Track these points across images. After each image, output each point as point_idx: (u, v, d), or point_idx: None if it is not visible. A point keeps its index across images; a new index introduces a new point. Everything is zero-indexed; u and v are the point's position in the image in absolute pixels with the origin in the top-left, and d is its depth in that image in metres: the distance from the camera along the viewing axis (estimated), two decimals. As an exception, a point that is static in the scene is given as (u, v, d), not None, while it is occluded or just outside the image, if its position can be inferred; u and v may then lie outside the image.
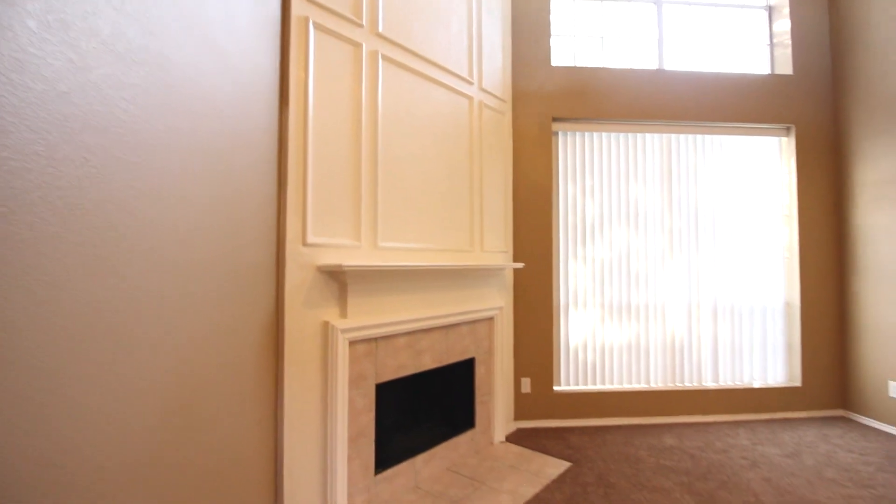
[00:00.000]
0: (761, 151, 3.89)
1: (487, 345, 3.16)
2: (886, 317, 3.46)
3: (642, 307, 3.69)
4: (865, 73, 3.64)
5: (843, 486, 2.57)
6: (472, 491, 2.54)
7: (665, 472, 2.75)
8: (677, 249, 3.75)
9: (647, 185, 3.75)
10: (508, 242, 3.47)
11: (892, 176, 3.43)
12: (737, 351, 3.78)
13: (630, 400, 3.60)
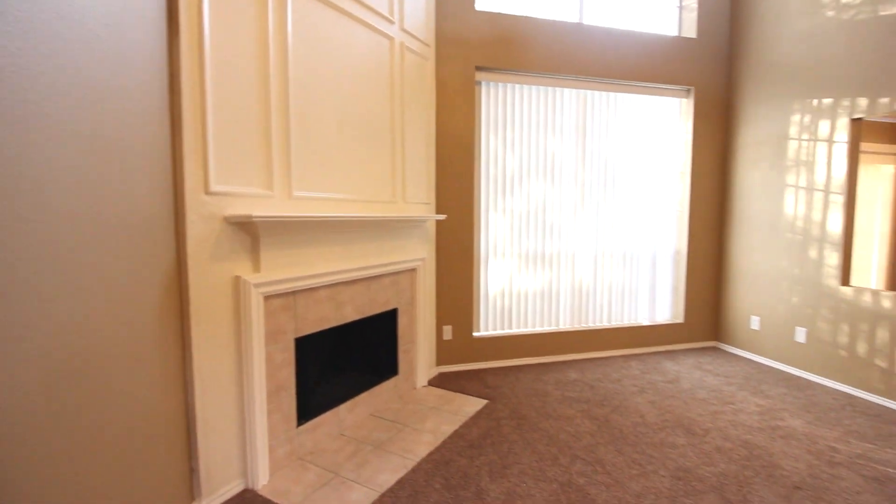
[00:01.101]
0: (665, 111, 4.18)
1: (410, 295, 3.21)
2: (754, 262, 4.03)
3: (555, 256, 3.94)
4: (757, 43, 3.99)
5: (711, 404, 3.06)
6: (396, 433, 2.65)
7: (569, 402, 3.07)
8: (588, 201, 4.00)
9: (563, 139, 3.89)
10: (431, 194, 3.46)
11: (768, 138, 3.88)
12: (633, 294, 4.22)
13: (541, 341, 3.91)
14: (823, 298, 3.45)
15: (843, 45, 3.31)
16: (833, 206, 3.40)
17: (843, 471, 2.26)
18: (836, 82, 3.36)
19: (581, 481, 2.17)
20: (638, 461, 2.34)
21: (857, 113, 3.25)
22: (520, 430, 2.68)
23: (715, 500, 2.03)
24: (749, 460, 2.36)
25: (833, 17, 3.37)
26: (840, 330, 3.35)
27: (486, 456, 2.39)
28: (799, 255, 3.63)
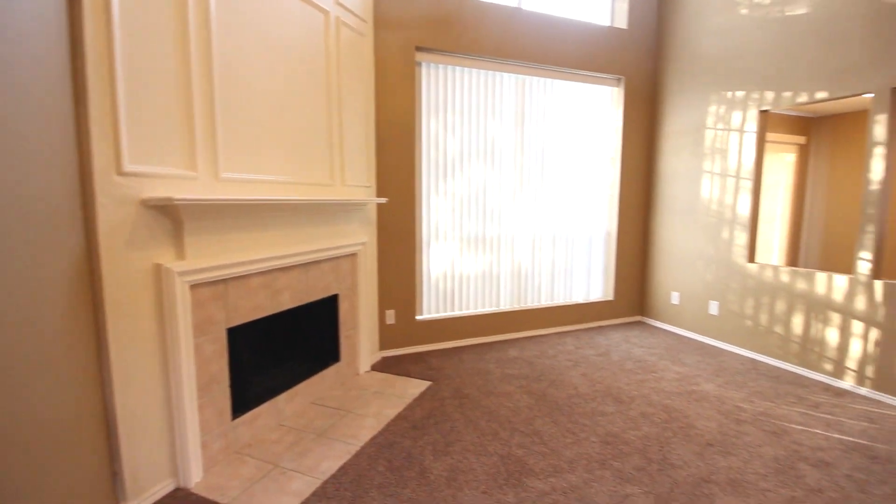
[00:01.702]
0: (598, 99, 4.36)
1: (351, 280, 3.15)
2: (675, 243, 4.36)
3: (495, 239, 4.03)
4: (681, 36, 4.24)
5: (636, 374, 3.30)
6: (338, 419, 2.63)
7: (509, 379, 3.19)
8: (526, 185, 4.11)
9: (503, 123, 3.94)
10: (371, 177, 3.39)
11: (689, 128, 4.17)
12: (568, 274, 4.43)
13: (483, 322, 4.01)
14: (733, 274, 3.82)
15: (753, 42, 3.60)
16: (743, 190, 3.73)
17: (748, 427, 2.54)
18: (747, 76, 3.66)
19: (520, 453, 2.27)
20: (572, 430, 2.49)
21: (764, 105, 3.56)
22: (462, 408, 2.75)
23: (639, 460, 2.21)
24: (669, 423, 2.58)
25: (746, 14, 3.65)
26: (746, 302, 3.72)
27: (430, 436, 2.44)
28: (713, 236, 3.97)
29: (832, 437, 2.44)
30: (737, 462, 2.20)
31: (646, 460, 2.22)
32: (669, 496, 1.95)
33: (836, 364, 3.15)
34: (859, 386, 3.02)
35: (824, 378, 3.20)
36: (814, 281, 3.26)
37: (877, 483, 2.04)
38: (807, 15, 3.24)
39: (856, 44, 2.98)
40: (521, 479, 2.06)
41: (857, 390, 3.02)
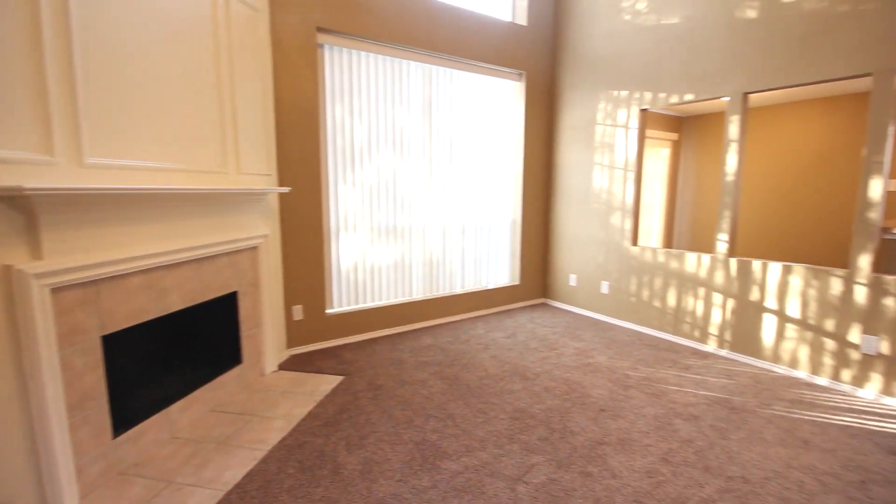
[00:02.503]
0: (502, 92, 4.52)
1: (252, 276, 2.95)
2: (572, 229, 4.71)
3: (406, 228, 4.02)
4: (575, 36, 4.54)
5: (540, 352, 3.53)
6: (243, 425, 2.46)
7: (423, 366, 3.23)
8: (436, 175, 4.15)
9: (410, 111, 3.92)
10: (272, 164, 3.18)
11: (582, 123, 4.51)
12: (478, 261, 4.58)
13: (396, 312, 4.01)
14: (620, 256, 4.24)
15: (634, 46, 3.98)
16: (627, 181, 4.13)
17: (634, 392, 2.86)
18: (629, 77, 4.04)
19: (434, 437, 2.32)
20: (483, 410, 2.60)
21: (643, 104, 3.97)
22: (377, 400, 2.73)
23: (543, 431, 2.38)
24: (568, 394, 2.81)
25: (629, 20, 4.01)
26: (631, 281, 4.16)
27: (343, 431, 2.39)
28: (604, 222, 4.36)
29: (699, 393, 2.83)
30: (625, 423, 2.47)
31: (549, 430, 2.39)
32: (569, 460, 2.13)
33: (701, 331, 3.65)
34: (720, 349, 3.54)
35: (693, 343, 3.70)
36: (684, 260, 3.74)
37: (734, 430, 2.42)
38: (677, 25, 3.65)
39: (716, 53, 3.43)
40: (435, 463, 2.10)
41: (718, 352, 3.53)
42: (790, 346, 3.14)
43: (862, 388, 2.83)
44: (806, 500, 1.87)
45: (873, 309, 2.75)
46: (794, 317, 3.10)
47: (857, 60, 2.75)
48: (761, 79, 3.18)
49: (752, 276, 3.32)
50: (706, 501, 1.86)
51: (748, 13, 3.22)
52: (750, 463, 2.12)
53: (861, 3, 2.71)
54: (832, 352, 2.94)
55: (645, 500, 1.87)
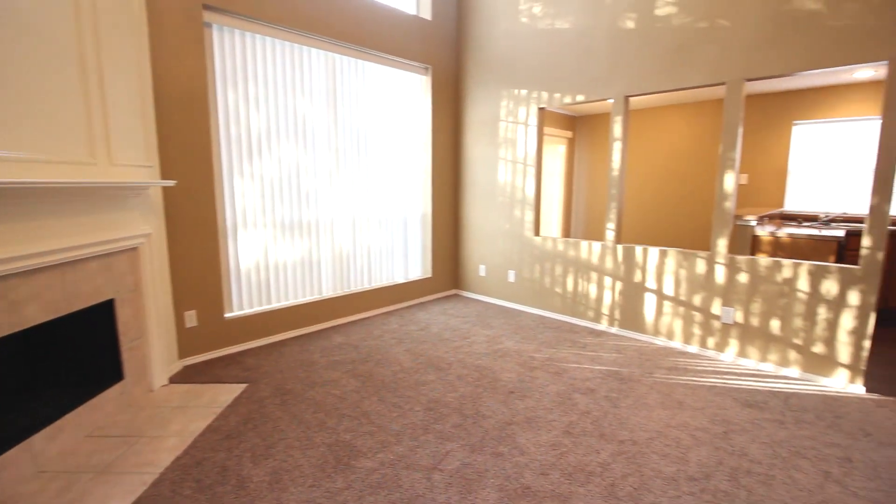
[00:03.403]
0: (410, 85, 4.51)
1: (132, 280, 2.62)
2: (480, 221, 4.87)
3: (313, 223, 3.85)
4: (478, 34, 4.66)
5: (453, 342, 3.61)
6: (127, 448, 2.19)
7: (335, 365, 3.14)
8: (343, 168, 4.02)
9: (314, 101, 3.75)
10: (152, 155, 2.85)
11: (487, 119, 4.66)
12: (390, 255, 4.55)
13: (304, 311, 3.83)
14: (524, 246, 4.48)
15: (532, 47, 4.20)
16: (528, 175, 4.37)
17: (539, 372, 3.05)
18: (528, 77, 4.26)
19: (348, 437, 2.27)
20: (398, 404, 2.60)
21: (541, 103, 4.21)
22: (285, 405, 2.60)
23: (457, 418, 2.45)
24: (480, 380, 2.92)
25: (526, 23, 4.22)
26: (534, 269, 4.42)
27: (248, 442, 2.23)
28: (508, 214, 4.58)
29: (595, 368, 3.11)
30: (531, 402, 2.63)
31: (462, 417, 2.46)
32: (482, 443, 2.21)
33: (596, 312, 4.01)
34: (611, 326, 3.92)
35: (589, 324, 4.05)
36: (580, 248, 4.06)
37: (623, 398, 2.69)
38: (569, 30, 3.93)
39: (602, 58, 3.74)
40: (349, 463, 2.06)
41: (609, 330, 3.90)
42: (667, 320, 3.57)
43: (723, 353, 3.31)
44: (682, 453, 2.15)
45: (729, 284, 3.23)
46: (669, 294, 3.53)
47: (714, 71, 3.19)
48: (639, 84, 3.55)
49: (635, 260, 3.70)
50: (602, 465, 2.05)
51: (628, 23, 3.56)
52: (637, 426, 2.38)
53: (717, 20, 3.14)
54: (699, 323, 3.40)
55: (550, 471, 2.00)
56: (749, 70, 3.02)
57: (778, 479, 1.96)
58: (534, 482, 1.93)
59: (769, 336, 3.08)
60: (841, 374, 2.83)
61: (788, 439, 2.26)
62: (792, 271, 2.96)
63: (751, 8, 2.99)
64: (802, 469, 2.03)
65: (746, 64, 3.03)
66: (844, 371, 2.82)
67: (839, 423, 2.42)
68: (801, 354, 2.97)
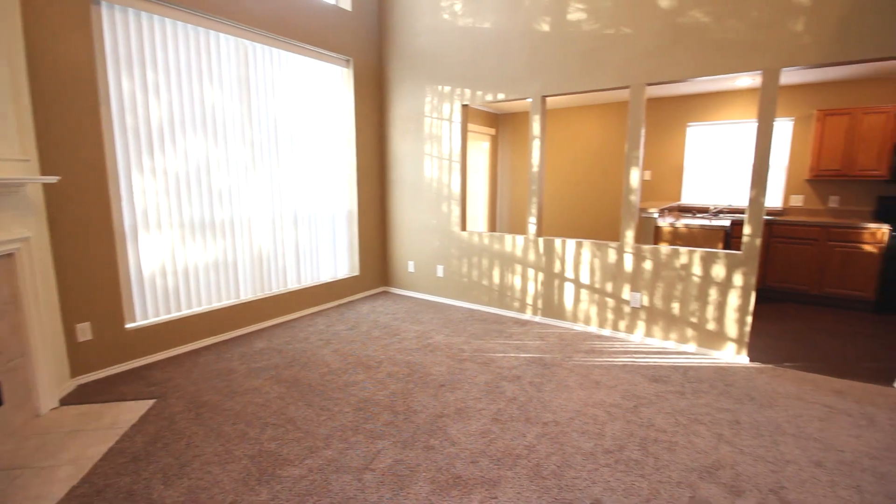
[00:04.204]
0: (330, 77, 4.36)
1: (8, 292, 2.28)
2: (408, 217, 4.86)
3: (227, 222, 3.60)
4: (401, 28, 4.61)
5: (383, 340, 3.58)
6: (9, 484, 1.91)
7: (257, 372, 2.97)
8: (260, 163, 3.80)
9: (224, 91, 3.49)
10: (29, 147, 2.49)
11: (412, 115, 4.65)
12: (315, 254, 4.39)
13: (221, 317, 3.58)
14: (452, 241, 4.54)
15: (454, 45, 4.25)
16: (454, 171, 4.43)
17: (468, 364, 3.11)
18: (451, 74, 4.30)
19: (272, 446, 2.16)
20: (326, 407, 2.52)
21: (464, 100, 4.28)
22: (200, 419, 2.41)
23: (388, 416, 2.43)
24: (410, 376, 2.92)
25: (448, 20, 4.25)
26: (462, 263, 4.51)
27: (158, 462, 2.04)
28: (435, 210, 4.61)
29: (520, 356, 3.24)
30: (461, 394, 2.68)
31: (393, 414, 2.45)
32: (413, 438, 2.22)
33: (520, 302, 4.18)
34: (535, 316, 4.10)
35: (515, 314, 4.21)
36: (504, 242, 4.20)
37: (546, 382, 2.84)
38: (489, 29, 4.02)
39: (520, 58, 3.88)
40: (274, 473, 1.96)
41: (533, 319, 4.09)
42: (584, 307, 3.81)
43: (632, 334, 3.61)
44: (599, 429, 2.31)
45: (637, 271, 3.53)
46: (585, 283, 3.77)
47: (619, 75, 3.44)
48: (555, 84, 3.73)
49: (554, 252, 3.91)
50: (529, 447, 2.15)
51: (543, 26, 3.73)
52: (559, 408, 2.52)
53: (621, 28, 3.38)
54: (612, 308, 3.68)
55: (480, 458, 2.06)
56: (649, 75, 3.30)
57: (680, 444, 2.18)
58: (464, 471, 1.97)
59: (670, 317, 3.41)
60: (729, 347, 3.21)
61: (688, 408, 2.52)
62: (688, 258, 3.29)
63: (649, 18, 3.26)
64: (700, 434, 2.28)
65: (647, 69, 3.31)
66: (732, 344, 3.20)
67: (729, 390, 2.74)
68: (696, 331, 3.32)
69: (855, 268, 4.31)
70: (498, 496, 1.82)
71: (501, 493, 1.84)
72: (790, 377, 2.92)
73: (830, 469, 2.00)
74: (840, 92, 4.67)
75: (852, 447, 2.16)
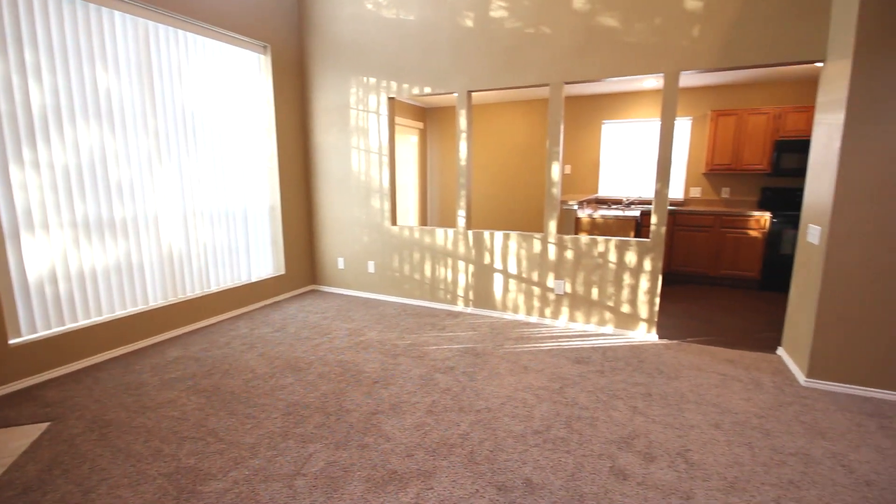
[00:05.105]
0: (246, 64, 4.08)
1: None
2: (336, 212, 4.72)
3: (130, 220, 3.27)
4: (322, 17, 4.43)
5: (312, 340, 3.45)
6: None
7: (171, 384, 2.74)
8: (168, 155, 3.48)
9: (121, 76, 3.14)
10: None
11: (336, 106, 4.50)
12: (234, 253, 4.12)
13: (127, 325, 3.25)
14: (382, 236, 4.49)
15: (379, 35, 4.16)
16: (383, 165, 4.37)
17: (402, 359, 3.10)
18: (377, 65, 4.22)
19: (192, 461, 2.01)
20: (252, 414, 2.39)
21: (391, 93, 4.22)
22: (106, 439, 2.18)
23: (319, 418, 2.36)
24: (343, 375, 2.85)
25: (372, 10, 4.16)
26: (394, 258, 4.47)
27: (56, 492, 1.82)
28: (364, 204, 4.52)
29: (453, 347, 3.29)
30: (395, 389, 2.67)
31: (325, 416, 2.38)
32: (347, 438, 2.17)
33: (452, 294, 4.24)
34: (467, 307, 4.18)
35: (447, 307, 4.26)
36: (435, 235, 4.23)
37: (479, 371, 2.91)
38: (414, 22, 3.99)
39: (446, 52, 3.90)
40: (195, 489, 1.83)
41: (466, 310, 4.17)
42: (513, 296, 3.96)
43: (557, 320, 3.81)
44: (528, 412, 2.42)
45: (559, 260, 3.72)
46: (513, 273, 3.91)
47: (540, 73, 3.58)
48: (480, 80, 3.80)
49: (484, 244, 4.01)
50: (463, 436, 2.19)
51: (467, 22, 3.77)
52: (491, 395, 2.60)
53: (541, 27, 3.51)
54: (538, 296, 3.85)
55: (416, 452, 2.07)
56: (567, 74, 3.47)
57: (601, 419, 2.35)
58: (400, 465, 1.97)
59: (591, 301, 3.64)
60: (641, 327, 3.50)
61: (607, 385, 2.72)
62: (604, 246, 3.53)
63: (566, 19, 3.42)
64: (617, 408, 2.46)
65: (565, 68, 3.47)
66: (644, 324, 3.49)
67: (642, 366, 2.99)
68: (613, 314, 3.58)
69: (744, 251, 4.88)
70: (434, 486, 1.84)
71: (437, 482, 1.86)
72: (692, 351, 3.24)
73: (726, 430, 2.25)
74: (730, 94, 5.24)
75: (743, 409, 2.45)
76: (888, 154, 2.40)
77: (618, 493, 1.81)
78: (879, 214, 2.46)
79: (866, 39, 2.38)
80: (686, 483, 1.87)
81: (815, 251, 2.72)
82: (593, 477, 1.90)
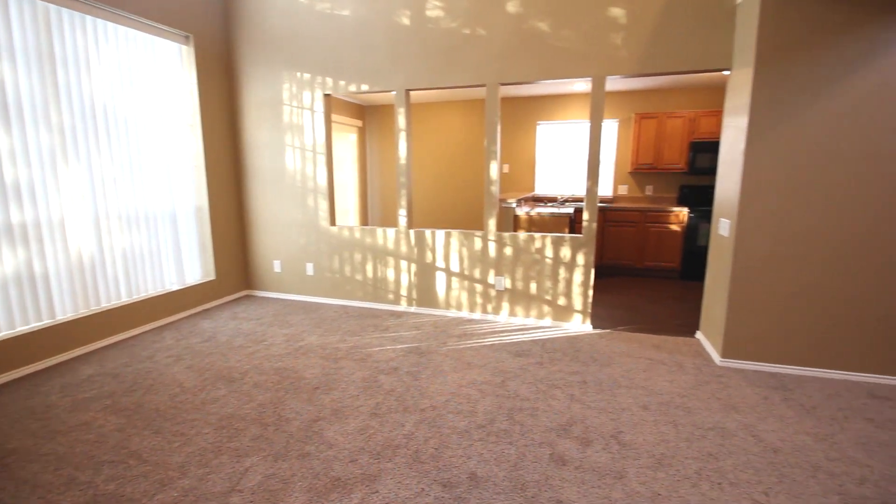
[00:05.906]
0: (165, 55, 3.79)
1: None
2: (270, 213, 4.51)
3: (31, 226, 2.92)
4: (251, 7, 4.20)
5: (247, 348, 3.28)
6: None
7: (86, 404, 2.49)
8: (76, 153, 3.15)
9: (17, 65, 2.80)
10: None
11: (268, 102, 4.30)
12: (156, 258, 3.81)
13: (30, 344, 2.90)
14: (321, 237, 4.36)
15: (313, 30, 4.03)
16: (319, 163, 4.24)
17: (344, 362, 3.03)
18: (311, 61, 4.08)
19: (111, 487, 1.83)
20: (180, 431, 2.23)
21: (327, 90, 4.10)
22: (8, 471, 1.94)
23: (256, 430, 2.24)
24: (281, 383, 2.73)
25: (305, 3, 4.01)
26: (333, 259, 4.36)
27: (-61, 537, 1.59)
28: (301, 204, 4.37)
29: (397, 348, 3.27)
30: (338, 394, 2.60)
31: (262, 427, 2.27)
32: (286, 449, 2.09)
33: (395, 294, 4.20)
34: (410, 306, 4.17)
35: (390, 307, 4.22)
36: (376, 235, 4.17)
37: (423, 370, 2.91)
38: (350, 17, 3.90)
39: (383, 50, 3.85)
40: (115, 517, 1.67)
41: (408, 310, 4.15)
42: (455, 294, 4.00)
43: (498, 315, 3.89)
44: (472, 406, 2.45)
45: (499, 257, 3.80)
46: (455, 271, 3.95)
47: (476, 73, 3.63)
48: (418, 79, 3.79)
49: (426, 242, 4.01)
50: (408, 436, 2.18)
51: (404, 20, 3.75)
52: (435, 393, 2.61)
53: (477, 28, 3.57)
54: (480, 293, 3.92)
55: (359, 456, 2.03)
56: (501, 75, 3.56)
57: (541, 409, 2.43)
58: (343, 472, 1.92)
59: (530, 296, 3.76)
60: (577, 318, 3.67)
61: (546, 376, 2.82)
62: (541, 242, 3.66)
63: (499, 22, 3.50)
64: (556, 397, 2.56)
65: (499, 69, 3.56)
66: (579, 315, 3.66)
67: (578, 355, 3.13)
68: (551, 307, 3.72)
69: (666, 244, 5.27)
70: (379, 490, 1.81)
71: (382, 485, 1.84)
72: (623, 338, 3.45)
73: (654, 410, 2.42)
74: (652, 98, 5.62)
75: (668, 390, 2.65)
76: (787, 153, 2.69)
77: (557, 478, 1.88)
78: (781, 208, 2.75)
79: (765, 51, 2.65)
80: (619, 463, 1.98)
81: (726, 243, 2.99)
82: (535, 465, 1.96)
